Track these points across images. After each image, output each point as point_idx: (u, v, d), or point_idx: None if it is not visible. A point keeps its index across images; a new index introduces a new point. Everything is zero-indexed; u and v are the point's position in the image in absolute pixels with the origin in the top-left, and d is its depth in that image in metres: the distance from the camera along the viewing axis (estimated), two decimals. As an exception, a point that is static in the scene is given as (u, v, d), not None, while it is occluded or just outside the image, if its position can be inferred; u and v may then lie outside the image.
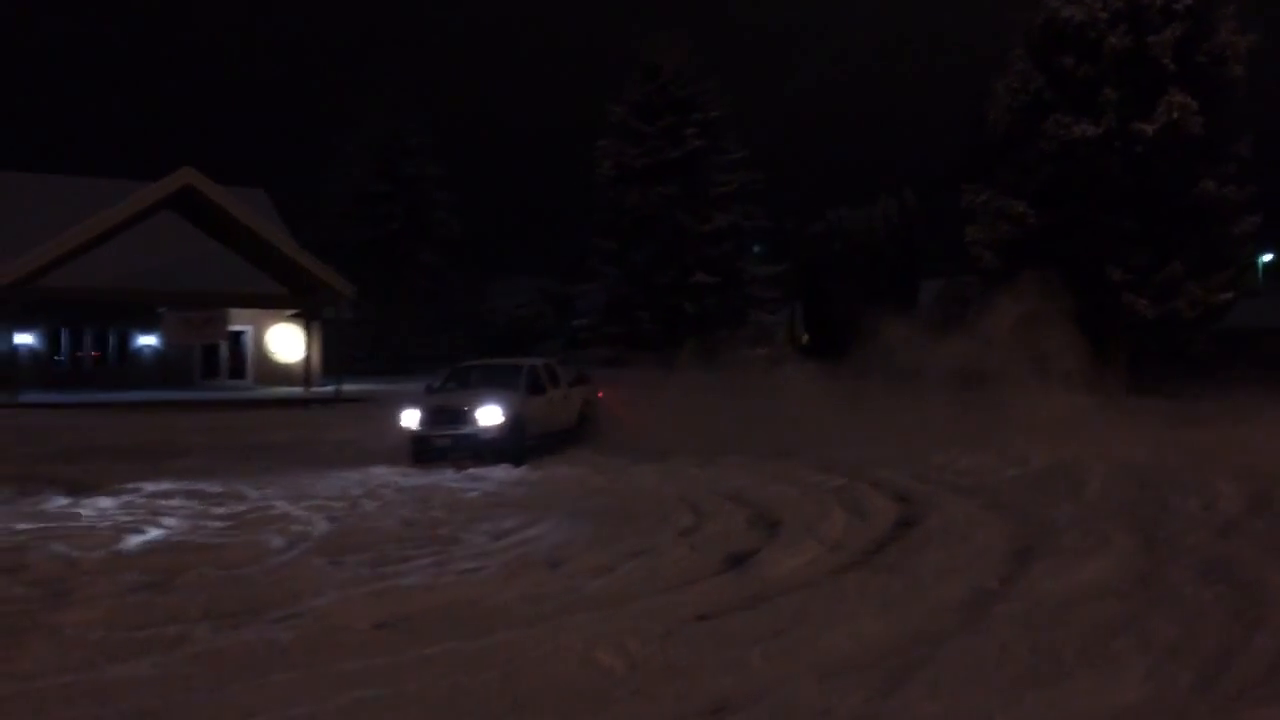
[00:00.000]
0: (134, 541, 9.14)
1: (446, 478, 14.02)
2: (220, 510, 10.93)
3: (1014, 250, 29.24)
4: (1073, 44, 28.10)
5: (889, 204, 43.52)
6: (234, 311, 29.69)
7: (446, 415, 15.64)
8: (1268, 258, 42.54)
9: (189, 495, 11.95)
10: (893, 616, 6.63)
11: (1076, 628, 6.30)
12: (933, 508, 10.71)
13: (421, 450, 15.52)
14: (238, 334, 34.13)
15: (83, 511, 10.81)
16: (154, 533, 9.60)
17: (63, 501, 11.52)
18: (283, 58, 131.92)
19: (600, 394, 19.70)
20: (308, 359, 30.10)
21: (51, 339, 32.58)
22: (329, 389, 28.77)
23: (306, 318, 30.83)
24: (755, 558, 8.35)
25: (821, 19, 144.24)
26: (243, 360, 35.09)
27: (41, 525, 9.90)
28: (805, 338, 51.23)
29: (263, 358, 35.06)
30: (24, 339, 30.67)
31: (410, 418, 15.64)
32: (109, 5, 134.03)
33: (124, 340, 33.69)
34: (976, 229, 30.12)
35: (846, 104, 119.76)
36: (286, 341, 35.08)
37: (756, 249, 42.64)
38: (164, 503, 11.43)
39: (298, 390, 28.48)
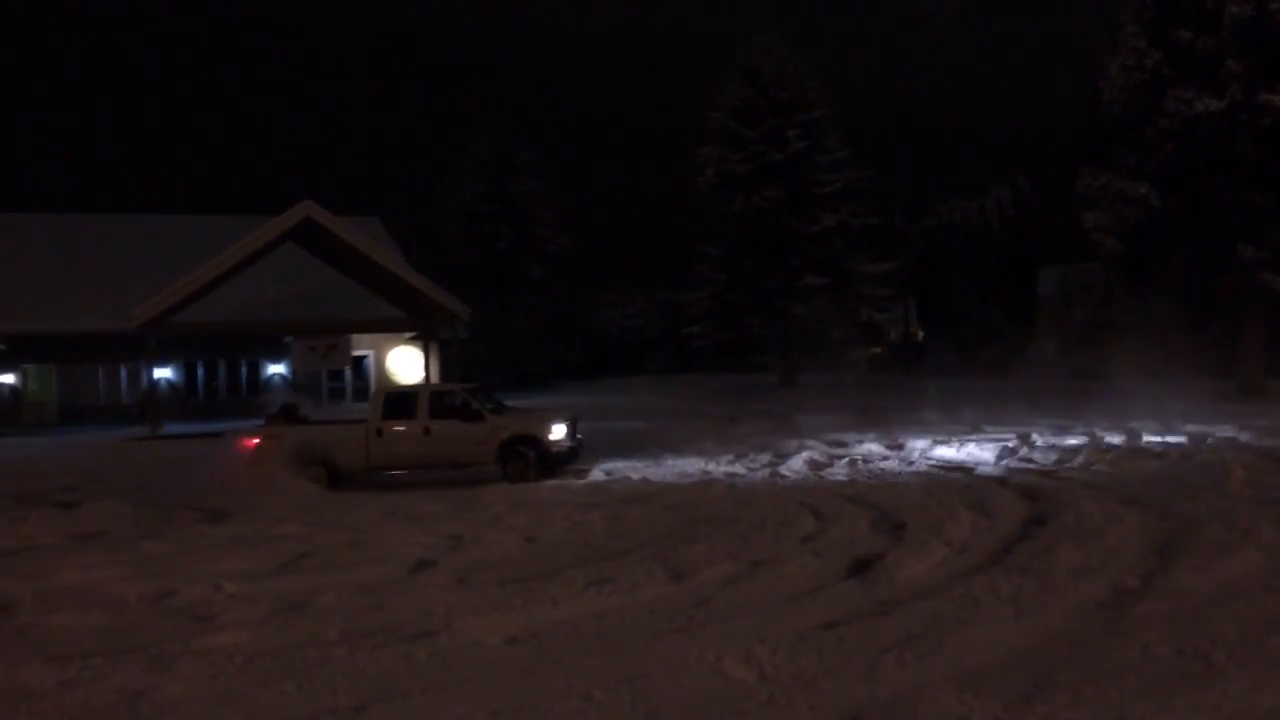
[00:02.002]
0: (272, 565, 9.48)
1: (568, 489, 14.18)
2: (341, 537, 11.24)
3: (1138, 234, 28.18)
4: (1189, 16, 26.93)
5: (1002, 193, 42.34)
6: (356, 336, 30.60)
7: (576, 427, 16.51)
8: None
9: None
10: (1028, 619, 6.44)
11: (1225, 626, 6.04)
12: (1063, 505, 10.38)
13: (559, 462, 16.11)
14: (360, 358, 35.22)
15: (223, 534, 11.29)
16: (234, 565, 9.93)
17: (204, 528, 12.04)
18: (390, 85, 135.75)
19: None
20: (427, 378, 30.83)
21: (188, 372, 34.13)
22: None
23: (424, 339, 31.57)
24: (881, 562, 8.22)
25: (921, 6, 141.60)
26: (367, 383, 36.16)
27: (183, 550, 10.36)
28: (919, 334, 50.25)
29: (385, 380, 36.07)
30: (162, 374, 32.21)
31: (559, 431, 16.08)
32: (215, 48, 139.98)
33: (254, 370, 35.07)
34: (1097, 214, 29.07)
35: (952, 93, 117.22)
36: (407, 363, 36.05)
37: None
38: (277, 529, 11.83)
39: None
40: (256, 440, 15.88)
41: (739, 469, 15.55)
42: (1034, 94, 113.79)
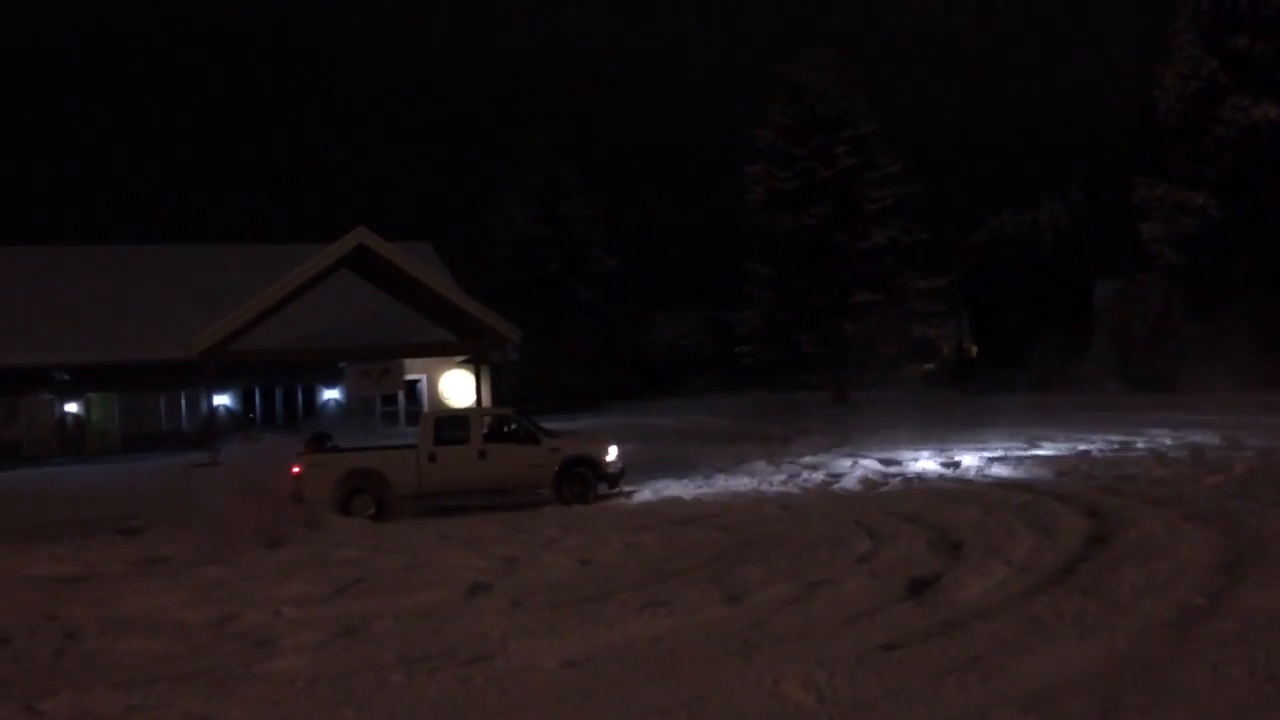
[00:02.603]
0: (329, 589, 9.58)
1: (621, 510, 14.19)
2: (397, 561, 11.33)
3: (1196, 244, 27.71)
4: (1246, 23, 26.52)
5: (1055, 205, 41.76)
6: (409, 361, 30.91)
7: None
8: None
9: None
10: (1093, 640, 6.31)
11: (1299, 647, 5.85)
12: (1126, 522, 10.17)
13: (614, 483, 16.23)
14: (413, 382, 35.57)
15: (281, 559, 11.44)
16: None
17: (263, 552, 12.21)
18: (441, 111, 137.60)
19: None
20: (479, 401, 31.05)
21: (245, 398, 34.71)
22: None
23: (476, 362, 31.80)
24: (940, 582, 8.10)
25: (970, 18, 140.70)
26: (420, 407, 36.51)
27: (242, 576, 10.51)
28: (973, 349, 49.66)
29: (438, 403, 36.39)
30: (221, 400, 32.77)
31: (614, 452, 16.16)
32: (268, 76, 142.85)
33: (311, 396, 35.57)
34: (1154, 225, 28.65)
35: (1004, 106, 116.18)
36: (459, 386, 36.35)
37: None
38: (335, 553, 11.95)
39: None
40: (298, 469, 15.26)
41: (792, 488, 15.44)
42: (1087, 105, 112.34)
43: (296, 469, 15.21)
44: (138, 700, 6.25)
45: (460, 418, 16.72)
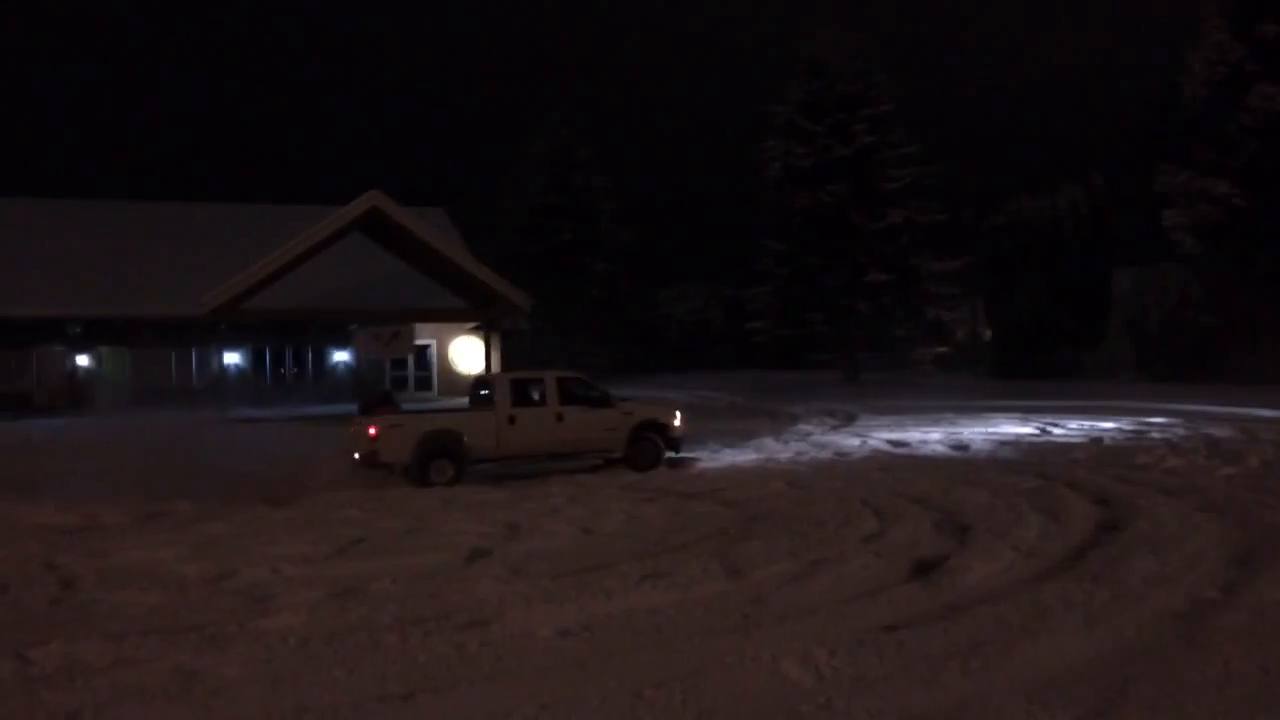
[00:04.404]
0: (329, 549, 9.52)
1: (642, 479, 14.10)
2: (399, 523, 11.27)
3: (1218, 233, 27.37)
4: (1274, 9, 26.05)
5: (1075, 190, 41.26)
6: (419, 326, 30.84)
7: None
8: None
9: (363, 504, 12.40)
10: (1100, 629, 6.18)
11: (1313, 643, 5.72)
12: (1137, 510, 10.02)
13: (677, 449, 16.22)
14: (423, 348, 35.53)
15: (283, 517, 11.40)
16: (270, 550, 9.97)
17: (265, 510, 12.17)
18: (458, 78, 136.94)
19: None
20: (488, 369, 30.99)
21: (256, 358, 34.69)
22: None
23: (486, 330, 31.75)
24: (945, 565, 7.98)
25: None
26: (429, 373, 36.50)
27: (243, 532, 10.46)
28: (987, 333, 49.32)
29: (447, 370, 36.38)
30: (231, 359, 32.77)
31: (680, 418, 16.17)
32: (286, 36, 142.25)
33: (320, 357, 35.53)
34: (1175, 212, 28.29)
35: (1025, 89, 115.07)
36: (468, 354, 36.29)
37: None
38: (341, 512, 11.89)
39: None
40: (374, 430, 14.50)
41: (799, 466, 15.32)
42: (1110, 90, 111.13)
43: (373, 430, 14.51)
44: (129, 652, 6.18)
45: (535, 379, 16.06)
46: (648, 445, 15.71)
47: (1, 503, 12.78)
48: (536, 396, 15.60)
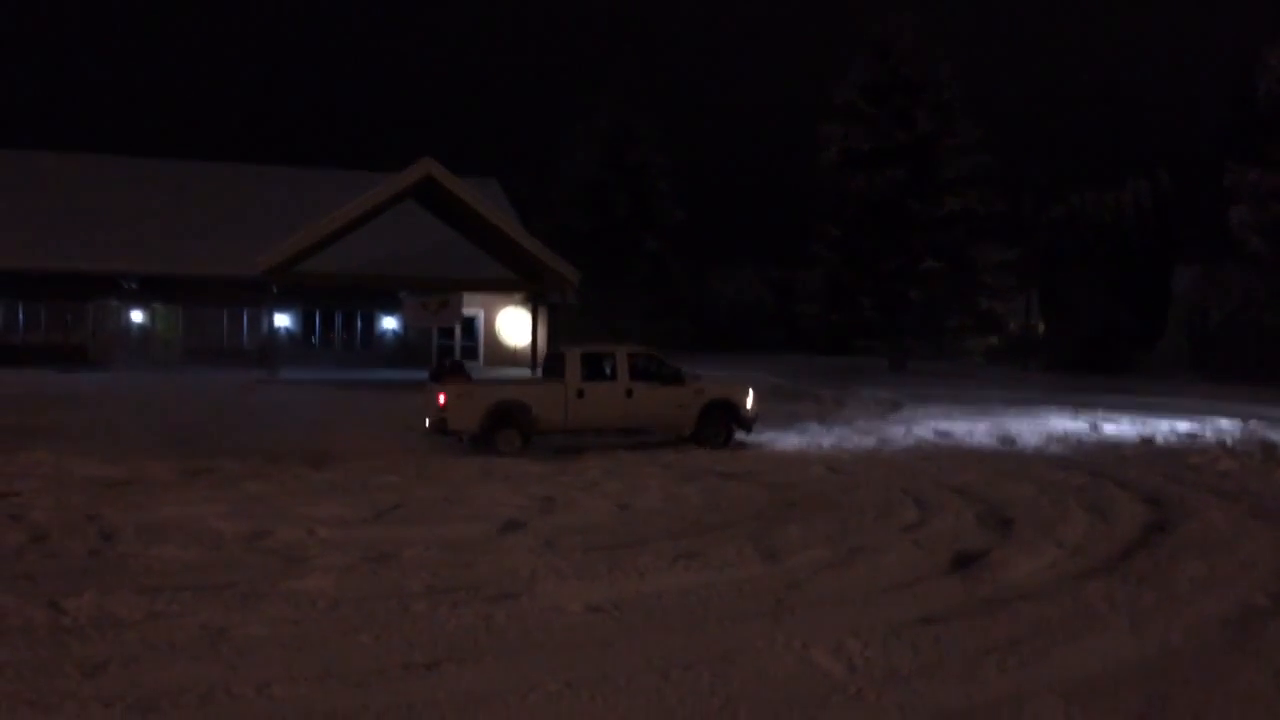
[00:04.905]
0: (366, 513, 9.54)
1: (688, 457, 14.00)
2: (436, 492, 11.27)
3: (1286, 233, 26.58)
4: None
5: (1139, 186, 40.31)
6: (467, 296, 30.90)
7: None
8: None
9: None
10: (1145, 632, 5.99)
11: (1367, 657, 5.48)
12: (1188, 512, 9.75)
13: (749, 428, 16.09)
14: (471, 318, 35.61)
15: (323, 479, 11.46)
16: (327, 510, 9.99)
17: (306, 471, 12.24)
18: (517, 51, 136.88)
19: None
20: (534, 342, 31.01)
21: (306, 321, 35.01)
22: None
23: (534, 302, 31.75)
24: (986, 558, 7.79)
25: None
26: (475, 343, 36.61)
27: (283, 492, 10.52)
28: (1040, 327, 48.48)
29: (493, 340, 36.47)
30: (282, 321, 33.10)
31: (752, 397, 16.05)
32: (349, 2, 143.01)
33: (369, 323, 35.79)
34: (1243, 210, 27.50)
35: (1094, 82, 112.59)
36: (515, 325, 36.36)
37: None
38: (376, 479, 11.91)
39: (525, 372, 29.37)
40: (444, 398, 14.46)
41: (842, 453, 15.13)
42: (1183, 85, 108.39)
43: (442, 398, 14.50)
44: (160, 607, 6.22)
45: (607, 354, 15.91)
46: (717, 424, 15.60)
47: (50, 453, 12.98)
48: (607, 371, 15.51)
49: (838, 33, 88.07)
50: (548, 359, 16.99)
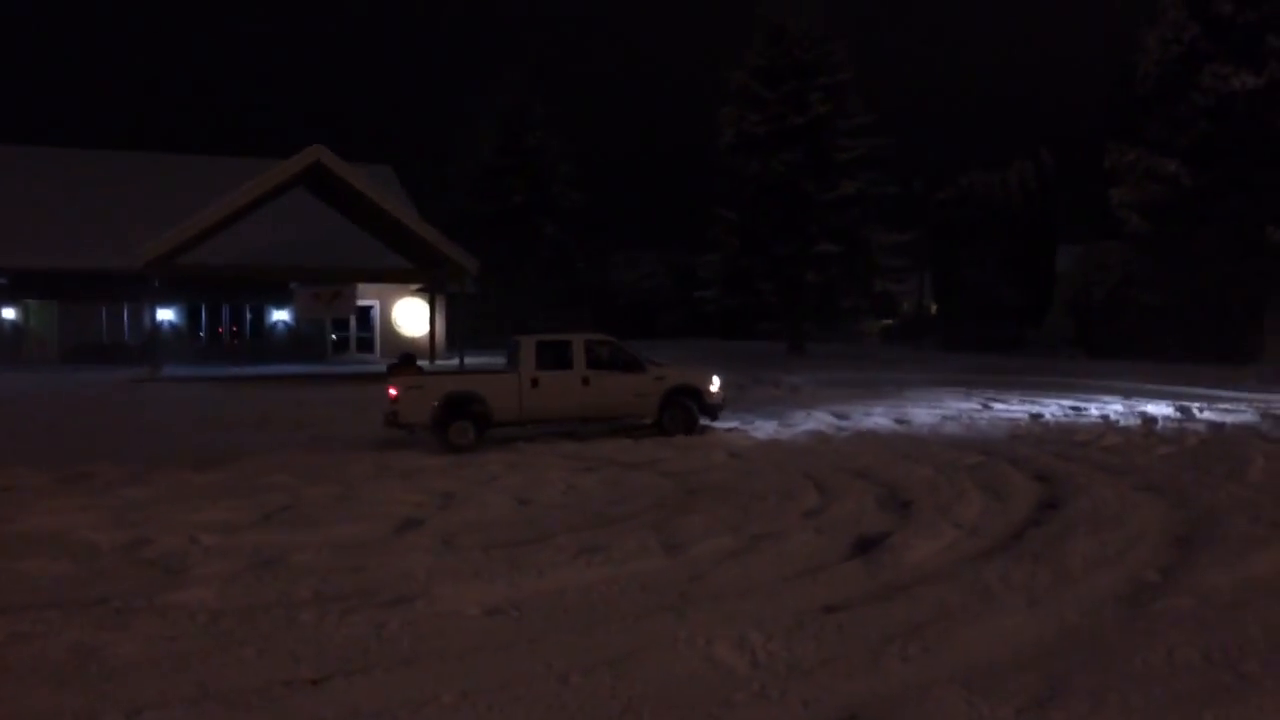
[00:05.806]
0: (253, 517, 9.14)
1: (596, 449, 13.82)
2: (329, 490, 10.92)
3: (1164, 213, 27.55)
4: (1231, -13, 26.12)
5: (1024, 166, 41.46)
6: (362, 286, 30.19)
7: None
8: None
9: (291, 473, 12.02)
10: (1042, 612, 6.04)
11: (1255, 630, 5.62)
12: (1078, 489, 9.96)
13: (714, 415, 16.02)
14: (366, 309, 34.83)
15: (208, 482, 10.97)
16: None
17: (189, 475, 11.71)
18: (410, 35, 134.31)
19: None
20: (432, 333, 30.50)
21: (191, 315, 33.80)
22: (453, 362, 29.08)
23: (431, 292, 31.22)
24: (887, 542, 7.81)
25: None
26: (371, 334, 35.85)
27: (164, 498, 10.04)
28: (933, 307, 49.66)
29: (390, 332, 35.76)
30: (165, 315, 31.88)
31: (718, 383, 15.94)
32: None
33: (259, 316, 34.72)
34: (1123, 190, 28.43)
35: (979, 64, 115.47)
36: (412, 316, 35.70)
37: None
38: (267, 478, 11.49)
39: (423, 363, 28.85)
40: (394, 391, 14.22)
41: (742, 438, 15.15)
42: (1063, 66, 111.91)
43: (393, 391, 14.24)
44: (25, 627, 5.81)
45: (562, 342, 15.55)
46: (681, 411, 15.45)
47: (-90, 461, 12.17)
48: (562, 359, 15.23)
49: (741, 13, 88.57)
50: (508, 347, 16.68)
